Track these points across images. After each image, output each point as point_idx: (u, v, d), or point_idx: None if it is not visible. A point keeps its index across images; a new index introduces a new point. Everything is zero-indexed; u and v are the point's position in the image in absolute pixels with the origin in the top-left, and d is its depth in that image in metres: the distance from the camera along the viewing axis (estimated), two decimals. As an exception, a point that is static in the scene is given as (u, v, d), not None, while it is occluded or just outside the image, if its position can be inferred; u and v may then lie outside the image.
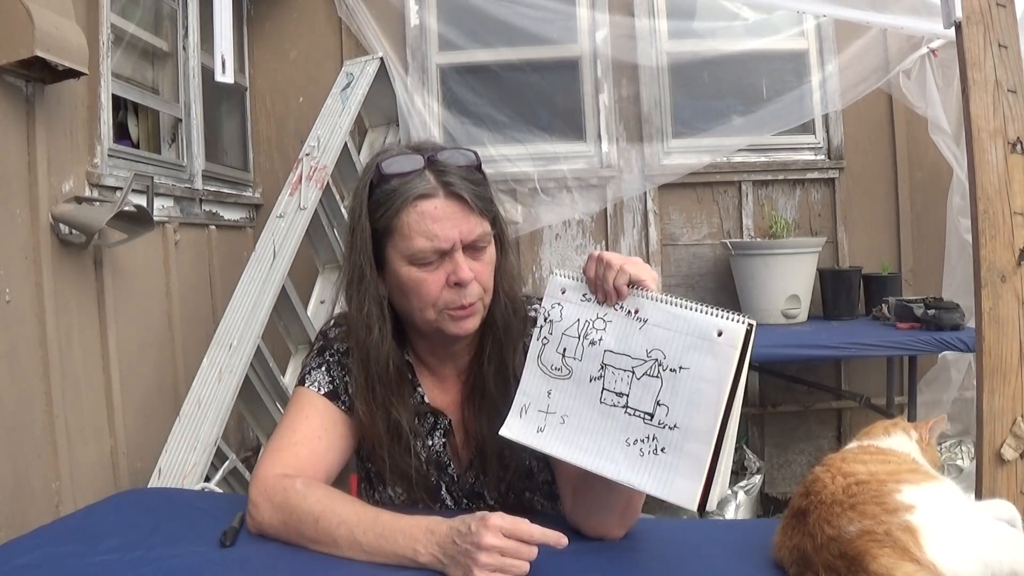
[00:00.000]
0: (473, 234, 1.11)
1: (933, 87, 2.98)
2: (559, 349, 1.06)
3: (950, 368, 2.99)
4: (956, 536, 0.87)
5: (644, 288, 1.03)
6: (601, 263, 1.04)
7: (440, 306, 1.12)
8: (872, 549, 0.85)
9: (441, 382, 1.25)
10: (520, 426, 1.07)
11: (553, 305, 1.08)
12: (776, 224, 3.18)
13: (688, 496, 0.95)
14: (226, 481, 2.32)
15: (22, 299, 1.91)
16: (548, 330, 1.08)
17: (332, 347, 1.25)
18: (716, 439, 0.95)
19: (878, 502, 0.89)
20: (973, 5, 1.48)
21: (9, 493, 1.82)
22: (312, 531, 1.05)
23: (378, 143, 3.38)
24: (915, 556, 0.84)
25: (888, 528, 0.86)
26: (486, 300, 1.16)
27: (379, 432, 1.17)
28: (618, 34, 3.38)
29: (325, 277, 3.10)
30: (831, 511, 0.91)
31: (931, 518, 0.87)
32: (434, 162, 1.12)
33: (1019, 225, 1.47)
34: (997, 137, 1.47)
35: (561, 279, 1.09)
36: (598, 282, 1.04)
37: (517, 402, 1.08)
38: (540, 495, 1.23)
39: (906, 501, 0.88)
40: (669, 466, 0.97)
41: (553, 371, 1.06)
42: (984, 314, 1.49)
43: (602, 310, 1.05)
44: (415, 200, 1.10)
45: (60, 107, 2.09)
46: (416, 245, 1.10)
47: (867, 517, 0.88)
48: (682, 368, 0.98)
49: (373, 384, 1.17)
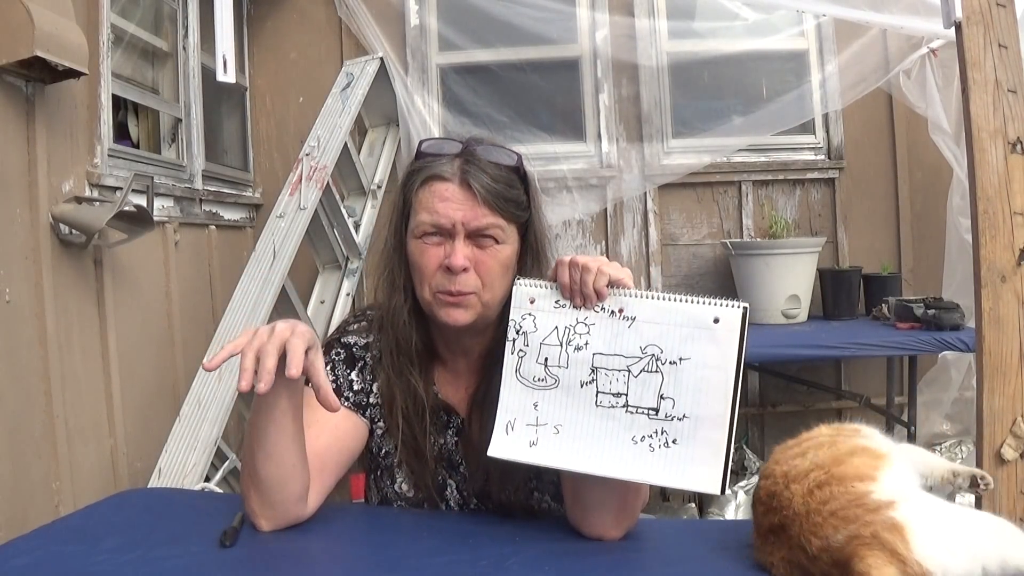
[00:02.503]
0: (477, 222, 1.11)
1: (933, 87, 2.98)
2: (539, 359, 1.05)
3: (950, 368, 2.99)
4: (942, 529, 0.86)
5: (623, 287, 1.03)
6: (576, 267, 1.03)
7: (434, 287, 1.13)
8: (860, 551, 0.85)
9: (454, 378, 1.25)
10: (509, 443, 1.05)
11: (524, 316, 1.06)
12: (776, 224, 3.18)
13: (709, 481, 0.97)
14: (226, 481, 2.32)
15: (22, 299, 1.91)
16: (524, 342, 1.05)
17: (342, 343, 1.25)
18: (729, 422, 0.97)
19: (858, 504, 0.88)
20: (973, 5, 1.48)
21: (9, 493, 1.82)
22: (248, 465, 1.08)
23: (378, 143, 3.38)
24: (903, 556, 0.84)
25: (874, 530, 0.85)
26: (484, 297, 1.14)
27: (403, 405, 1.18)
28: (618, 34, 3.39)
29: (325, 277, 3.10)
30: (811, 521, 0.90)
31: (914, 511, 0.86)
32: (468, 152, 1.14)
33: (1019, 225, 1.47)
34: (997, 137, 1.48)
35: (528, 288, 1.07)
36: (575, 287, 1.04)
37: (500, 420, 1.06)
38: (548, 496, 1.23)
39: (883, 497, 0.88)
40: (684, 456, 0.98)
41: (536, 383, 1.05)
42: (984, 314, 1.49)
43: (581, 314, 1.04)
44: (431, 179, 1.13)
45: (60, 107, 2.09)
46: (420, 219, 1.13)
47: (851, 521, 0.87)
48: (683, 359, 0.99)
49: (399, 354, 1.19)
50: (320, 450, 1.14)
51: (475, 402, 1.21)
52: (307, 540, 1.09)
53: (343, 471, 1.20)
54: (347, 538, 1.18)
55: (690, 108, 3.46)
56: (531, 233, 1.19)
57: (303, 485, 1.09)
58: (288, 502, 1.09)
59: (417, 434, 1.19)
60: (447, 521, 1.20)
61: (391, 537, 1.12)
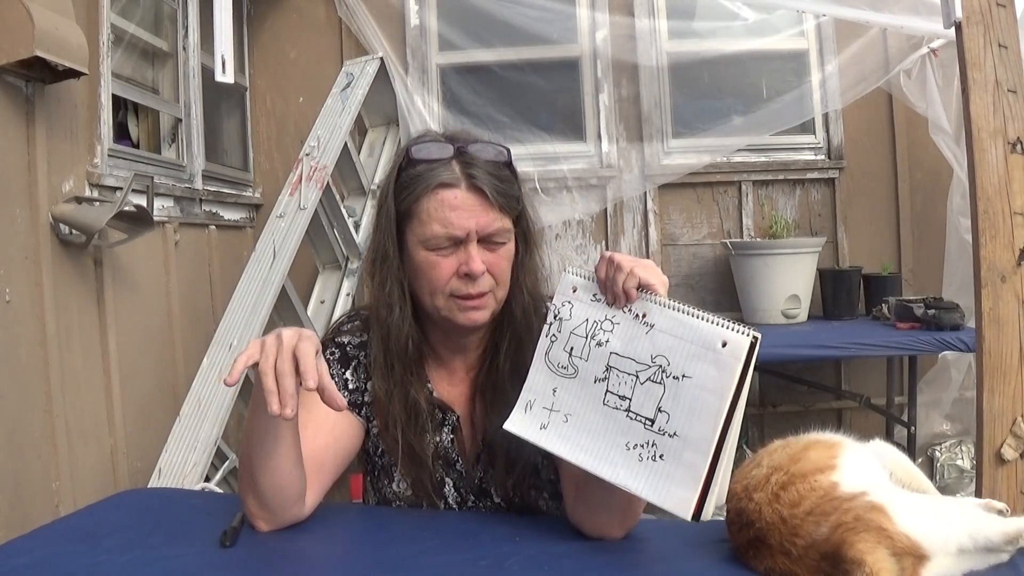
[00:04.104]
0: (490, 227, 1.12)
1: (933, 87, 2.98)
2: (566, 348, 1.07)
3: (950, 368, 2.99)
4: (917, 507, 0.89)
5: (653, 292, 1.03)
6: (612, 264, 1.04)
7: (448, 292, 1.13)
8: (847, 537, 0.85)
9: (450, 375, 1.25)
10: (524, 421, 1.07)
11: (564, 303, 1.08)
12: (776, 224, 3.18)
13: (682, 505, 0.95)
14: (226, 481, 2.32)
15: (22, 299, 1.91)
16: (557, 328, 1.08)
17: (336, 342, 1.25)
18: (714, 450, 0.94)
19: (830, 497, 0.89)
20: (973, 5, 1.48)
21: (9, 493, 1.82)
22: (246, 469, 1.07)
23: (378, 143, 3.38)
24: (889, 532, 0.85)
25: (856, 513, 0.86)
26: (498, 294, 1.16)
27: (396, 411, 1.18)
28: (618, 34, 3.39)
29: (325, 277, 3.10)
30: (789, 525, 0.90)
31: (887, 495, 0.89)
32: (463, 153, 1.13)
33: (1019, 225, 1.47)
34: (997, 137, 1.48)
35: (573, 277, 1.09)
36: (608, 283, 1.04)
37: (523, 397, 1.08)
38: (546, 493, 1.23)
39: (854, 489, 0.89)
40: (666, 474, 0.97)
41: (560, 369, 1.07)
42: (984, 314, 1.49)
43: (611, 312, 1.05)
44: (436, 187, 1.12)
45: (60, 107, 2.09)
46: (431, 231, 1.11)
47: (830, 513, 0.88)
48: (685, 376, 0.98)
49: (392, 362, 1.18)
50: (318, 451, 1.14)
51: (477, 394, 1.22)
52: (307, 540, 1.09)
53: (341, 471, 1.20)
54: (347, 538, 1.18)
55: (690, 108, 3.46)
56: (524, 222, 1.20)
57: (300, 488, 1.10)
58: (286, 505, 1.09)
59: (414, 433, 1.19)
60: (447, 521, 1.20)
61: (390, 537, 1.12)
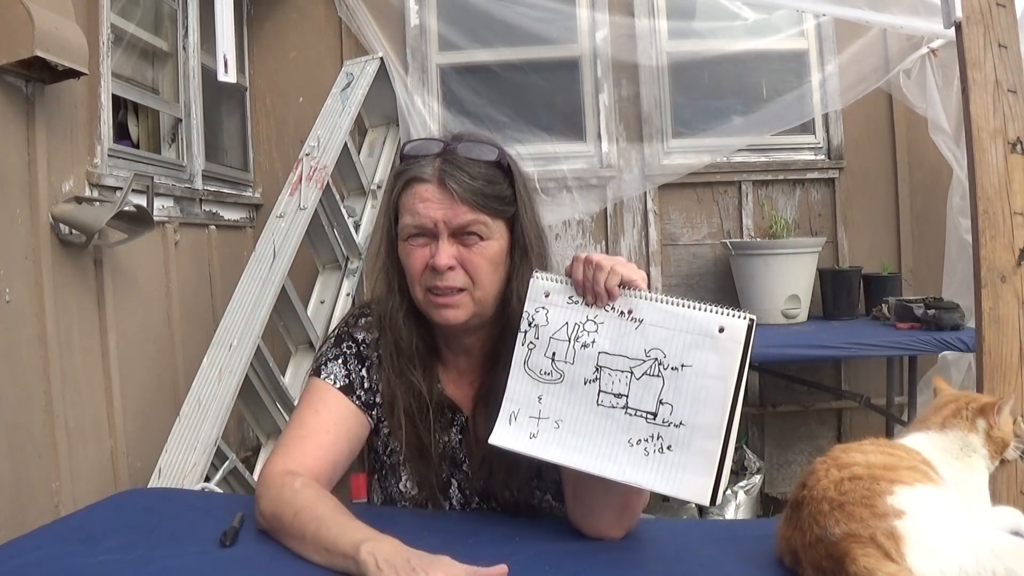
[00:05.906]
0: (458, 219, 1.12)
1: (933, 87, 2.98)
2: (547, 353, 1.06)
3: (950, 368, 2.98)
4: (942, 546, 0.85)
5: (636, 288, 1.03)
6: (590, 265, 1.03)
7: (424, 285, 1.15)
8: (854, 551, 0.85)
9: (459, 377, 1.25)
10: (510, 433, 1.06)
11: (537, 309, 1.07)
12: (776, 224, 3.18)
13: (700, 492, 0.96)
14: (226, 481, 2.32)
15: (22, 299, 1.91)
16: (534, 335, 1.07)
17: (353, 337, 1.25)
18: (725, 434, 0.96)
19: (867, 504, 0.88)
20: (973, 5, 1.48)
21: (9, 493, 1.82)
22: (290, 523, 1.03)
23: (378, 143, 3.38)
24: (892, 564, 0.84)
25: (873, 533, 0.85)
26: (476, 295, 1.15)
27: (405, 404, 1.19)
28: (618, 34, 3.38)
29: (325, 277, 3.10)
30: (819, 508, 0.90)
31: (919, 526, 0.86)
32: (447, 152, 1.15)
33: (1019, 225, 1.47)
34: (997, 137, 1.48)
35: (544, 282, 1.08)
36: (587, 284, 1.04)
37: (505, 409, 1.07)
38: (549, 495, 1.23)
39: (897, 505, 0.87)
40: (677, 464, 0.97)
41: (543, 376, 1.06)
42: (984, 314, 1.49)
43: (592, 312, 1.04)
44: (411, 181, 1.15)
45: (60, 107, 2.09)
46: (404, 221, 1.15)
47: (854, 520, 0.87)
48: (684, 366, 0.98)
49: (399, 354, 1.20)
50: (340, 459, 1.17)
51: (480, 399, 1.22)
52: (307, 540, 1.09)
53: (346, 468, 1.21)
54: (347, 538, 1.18)
55: (690, 108, 3.46)
56: (519, 226, 1.18)
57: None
58: None
59: (421, 432, 1.20)
60: (447, 521, 1.20)
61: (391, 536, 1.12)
